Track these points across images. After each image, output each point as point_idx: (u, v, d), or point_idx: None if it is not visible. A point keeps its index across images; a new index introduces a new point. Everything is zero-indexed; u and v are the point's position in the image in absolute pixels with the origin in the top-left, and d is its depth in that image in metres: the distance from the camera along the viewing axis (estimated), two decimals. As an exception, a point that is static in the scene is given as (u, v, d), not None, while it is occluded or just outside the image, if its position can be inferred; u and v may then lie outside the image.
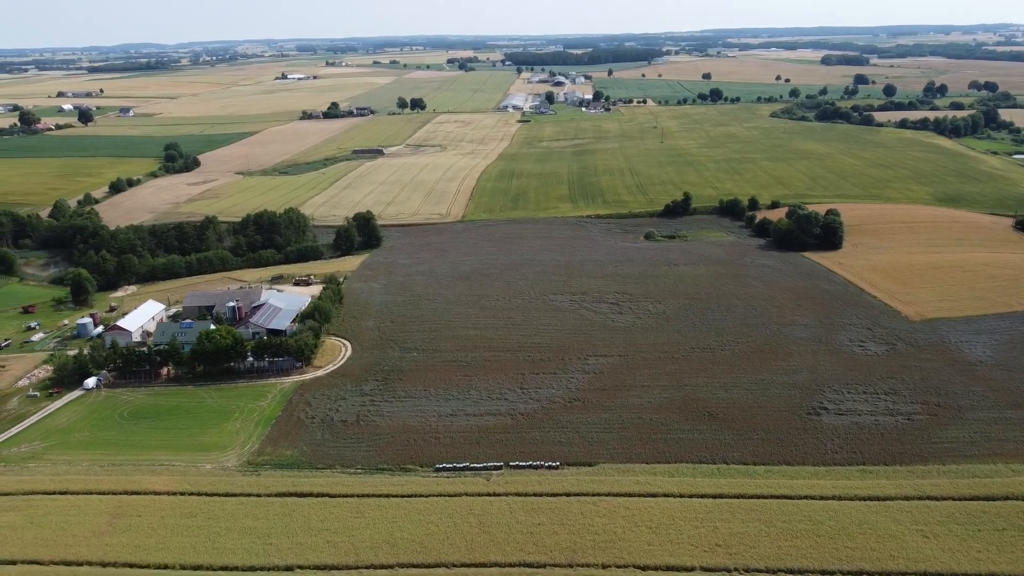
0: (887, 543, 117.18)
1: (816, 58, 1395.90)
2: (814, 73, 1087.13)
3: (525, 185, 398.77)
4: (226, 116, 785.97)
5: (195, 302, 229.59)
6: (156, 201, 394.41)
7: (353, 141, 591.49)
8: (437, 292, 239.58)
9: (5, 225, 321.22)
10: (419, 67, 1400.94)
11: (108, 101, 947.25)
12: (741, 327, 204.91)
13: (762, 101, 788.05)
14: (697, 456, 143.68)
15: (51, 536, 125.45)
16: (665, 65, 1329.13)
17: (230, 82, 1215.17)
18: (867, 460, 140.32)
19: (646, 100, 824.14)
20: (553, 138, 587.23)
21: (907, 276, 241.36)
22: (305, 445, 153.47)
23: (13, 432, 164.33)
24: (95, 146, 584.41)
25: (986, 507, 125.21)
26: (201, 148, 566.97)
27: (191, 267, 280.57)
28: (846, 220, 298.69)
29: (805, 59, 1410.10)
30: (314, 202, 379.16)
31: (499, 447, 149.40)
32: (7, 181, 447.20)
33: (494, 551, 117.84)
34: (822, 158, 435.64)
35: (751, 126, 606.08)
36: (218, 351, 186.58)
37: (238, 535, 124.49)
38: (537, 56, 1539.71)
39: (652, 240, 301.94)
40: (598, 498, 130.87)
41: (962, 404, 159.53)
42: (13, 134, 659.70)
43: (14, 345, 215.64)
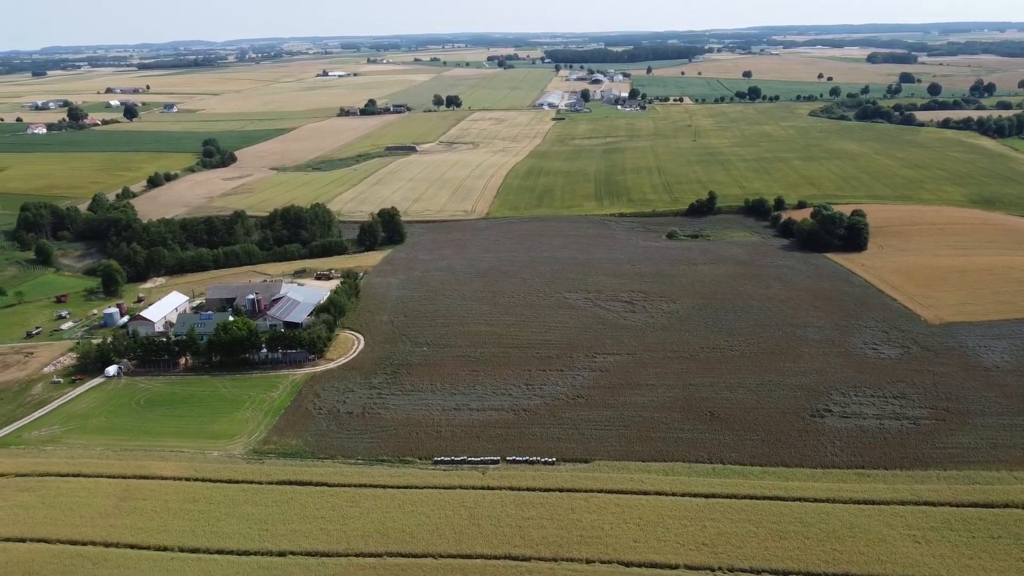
0: (877, 547, 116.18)
1: (862, 56, 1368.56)
2: (859, 71, 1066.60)
3: (551, 183, 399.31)
4: (266, 112, 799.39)
5: (217, 294, 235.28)
6: (191, 195, 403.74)
7: (387, 138, 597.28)
8: (453, 288, 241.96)
9: (45, 217, 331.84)
10: (458, 64, 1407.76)
11: (154, 97, 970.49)
12: (754, 328, 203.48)
13: (801, 100, 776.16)
14: (694, 455, 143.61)
15: (60, 516, 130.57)
16: (706, 63, 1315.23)
17: (272, 79, 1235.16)
18: (866, 464, 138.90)
19: (682, 98, 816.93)
20: (585, 136, 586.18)
21: (931, 279, 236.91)
22: (310, 435, 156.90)
23: (35, 416, 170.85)
24: (137, 141, 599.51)
25: (984, 514, 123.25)
26: (239, 144, 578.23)
27: (218, 260, 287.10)
28: (873, 221, 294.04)
29: (851, 57, 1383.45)
30: (343, 198, 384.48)
31: (498, 442, 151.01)
32: (52, 174, 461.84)
33: (481, 543, 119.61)
34: (855, 158, 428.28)
35: (787, 125, 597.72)
36: (234, 342, 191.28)
37: (236, 520, 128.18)
38: (577, 54, 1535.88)
39: (674, 239, 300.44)
40: (590, 494, 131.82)
41: (972, 410, 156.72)
42: (61, 129, 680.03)
43: (44, 333, 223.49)
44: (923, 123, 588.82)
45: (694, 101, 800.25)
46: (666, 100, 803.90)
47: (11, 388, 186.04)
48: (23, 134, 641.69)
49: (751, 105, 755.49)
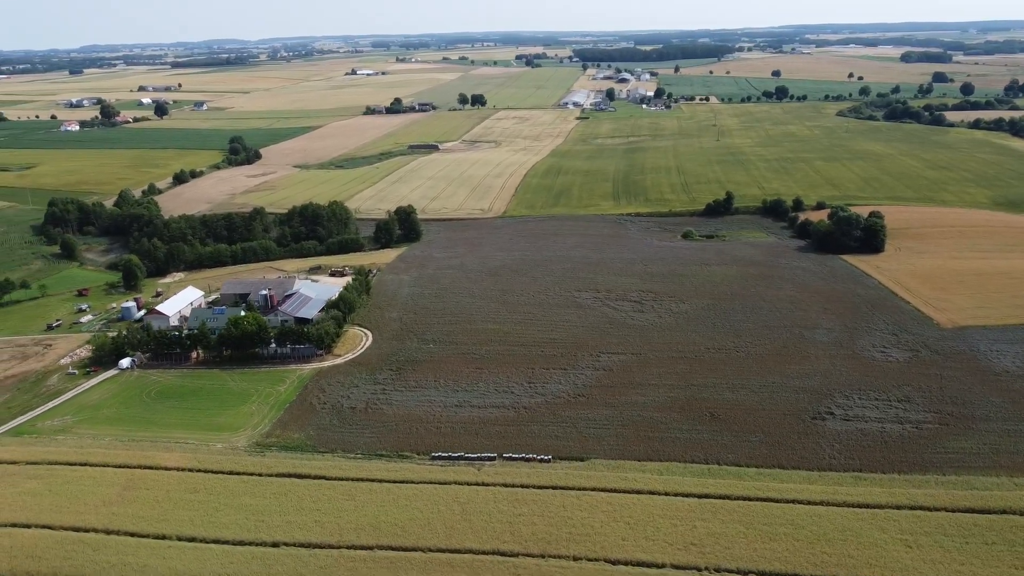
0: (867, 551, 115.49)
1: (896, 55, 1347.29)
2: (891, 71, 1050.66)
3: (570, 182, 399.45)
4: (293, 111, 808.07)
5: (231, 290, 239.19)
6: (215, 192, 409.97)
7: (410, 136, 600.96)
8: (464, 286, 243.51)
9: (71, 212, 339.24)
10: (486, 63, 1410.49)
11: (185, 95, 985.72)
12: (761, 329, 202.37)
13: (830, 99, 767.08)
14: (690, 456, 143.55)
15: (65, 503, 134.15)
16: (735, 62, 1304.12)
17: (301, 77, 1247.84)
18: (864, 467, 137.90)
19: (708, 97, 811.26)
20: (608, 135, 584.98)
21: (947, 282, 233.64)
22: (312, 429, 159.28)
23: (49, 406, 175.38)
24: (166, 138, 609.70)
25: (979, 520, 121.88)
26: (265, 141, 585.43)
27: (236, 256, 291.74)
28: (892, 223, 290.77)
29: (884, 56, 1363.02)
30: (363, 195, 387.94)
31: (497, 439, 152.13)
32: (82, 170, 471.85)
33: (471, 538, 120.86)
34: (880, 159, 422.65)
35: (813, 125, 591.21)
36: (243, 337, 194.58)
37: (234, 511, 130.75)
38: (605, 52, 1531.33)
39: (689, 239, 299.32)
40: (582, 492, 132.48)
41: (977, 415, 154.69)
42: (94, 126, 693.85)
43: (64, 326, 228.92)
44: (953, 123, 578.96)
45: (720, 100, 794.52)
46: (692, 99, 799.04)
47: (28, 379, 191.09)
48: (56, 131, 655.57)
49: (778, 105, 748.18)
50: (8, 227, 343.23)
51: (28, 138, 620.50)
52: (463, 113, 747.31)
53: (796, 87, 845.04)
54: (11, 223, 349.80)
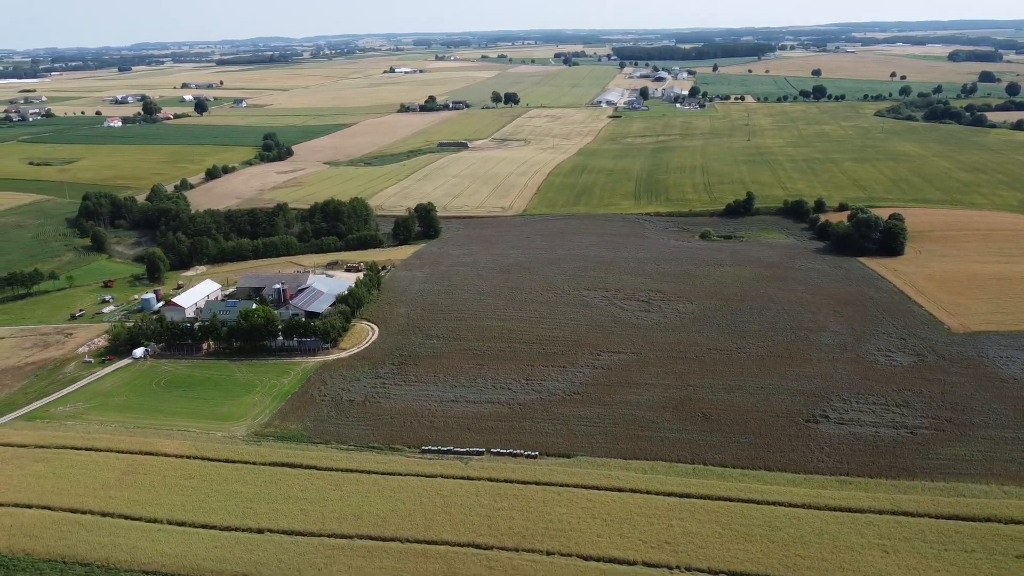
0: (842, 555, 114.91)
1: (943, 54, 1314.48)
2: (936, 70, 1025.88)
3: (593, 181, 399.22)
4: (329, 108, 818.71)
5: (248, 283, 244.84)
6: (244, 188, 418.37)
7: (441, 134, 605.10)
8: (474, 283, 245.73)
9: (104, 206, 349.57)
10: (524, 61, 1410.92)
11: (226, 92, 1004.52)
12: (767, 331, 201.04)
13: (869, 99, 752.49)
14: (677, 455, 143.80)
15: (67, 486, 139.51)
16: (775, 61, 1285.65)
17: (340, 75, 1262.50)
18: (851, 471, 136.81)
19: (744, 97, 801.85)
20: (639, 134, 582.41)
21: (964, 286, 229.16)
22: (310, 421, 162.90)
23: (64, 393, 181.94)
24: (203, 135, 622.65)
25: (962, 527, 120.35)
26: (299, 138, 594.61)
27: (258, 251, 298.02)
28: (916, 225, 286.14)
29: (931, 55, 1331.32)
30: (387, 192, 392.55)
31: (488, 434, 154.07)
32: (120, 165, 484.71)
33: (449, 530, 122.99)
34: (912, 160, 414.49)
35: (848, 125, 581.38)
36: (252, 329, 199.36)
37: (225, 498, 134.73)
38: (644, 51, 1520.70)
39: (707, 240, 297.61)
40: (564, 488, 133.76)
41: (975, 421, 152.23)
42: (136, 122, 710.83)
43: (87, 316, 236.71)
44: (995, 124, 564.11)
45: (756, 100, 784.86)
46: (727, 99, 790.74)
47: (47, 366, 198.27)
48: (100, 127, 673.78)
49: (815, 104, 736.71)
50: (45, 220, 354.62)
51: (72, 133, 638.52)
52: (495, 111, 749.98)
53: (835, 86, 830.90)
54: (48, 216, 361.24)
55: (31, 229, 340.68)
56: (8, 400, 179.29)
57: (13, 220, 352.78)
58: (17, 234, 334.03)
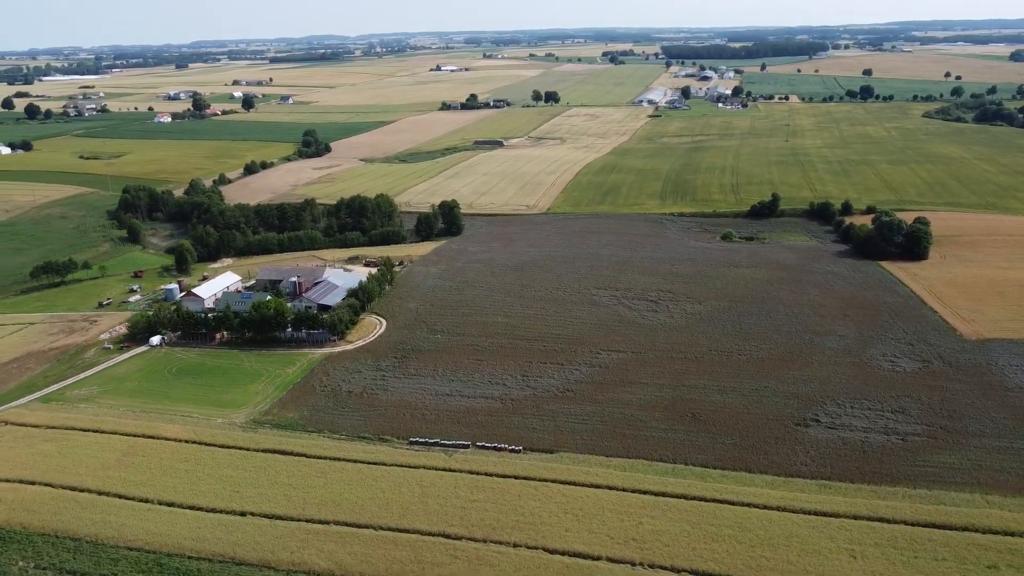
0: (808, 558, 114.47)
1: (1005, 54, 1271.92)
2: (995, 70, 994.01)
3: (621, 180, 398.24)
4: (372, 105, 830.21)
5: (266, 276, 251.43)
6: (279, 183, 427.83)
7: (479, 132, 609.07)
8: (486, 280, 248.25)
9: (142, 199, 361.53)
10: (570, 60, 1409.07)
11: (275, 89, 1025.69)
12: (772, 333, 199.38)
13: (919, 100, 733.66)
14: (658, 454, 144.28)
15: (70, 465, 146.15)
16: (826, 60, 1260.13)
17: (387, 73, 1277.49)
18: (833, 476, 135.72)
19: (788, 96, 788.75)
20: (676, 134, 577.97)
21: (984, 292, 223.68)
22: (307, 410, 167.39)
23: (81, 377, 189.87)
24: (248, 130, 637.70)
25: (936, 535, 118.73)
26: (340, 135, 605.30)
27: (283, 244, 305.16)
28: (944, 229, 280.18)
29: (992, 55, 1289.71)
30: (416, 189, 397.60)
31: (477, 428, 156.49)
32: (164, 160, 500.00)
33: (422, 520, 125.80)
34: (951, 162, 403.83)
35: (892, 126, 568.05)
36: (263, 320, 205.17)
37: (214, 481, 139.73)
38: (692, 50, 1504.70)
39: (728, 241, 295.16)
40: (541, 483, 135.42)
41: (971, 429, 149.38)
42: (185, 118, 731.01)
43: (114, 304, 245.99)
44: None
45: (801, 100, 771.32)
46: (771, 98, 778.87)
47: (69, 351, 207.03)
48: (150, 122, 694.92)
49: (861, 105, 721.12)
50: (87, 211, 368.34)
51: (123, 128, 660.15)
52: (535, 110, 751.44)
53: (885, 87, 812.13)
54: (90, 208, 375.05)
55: (73, 220, 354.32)
56: (29, 382, 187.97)
57: (58, 211, 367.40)
58: (60, 225, 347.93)
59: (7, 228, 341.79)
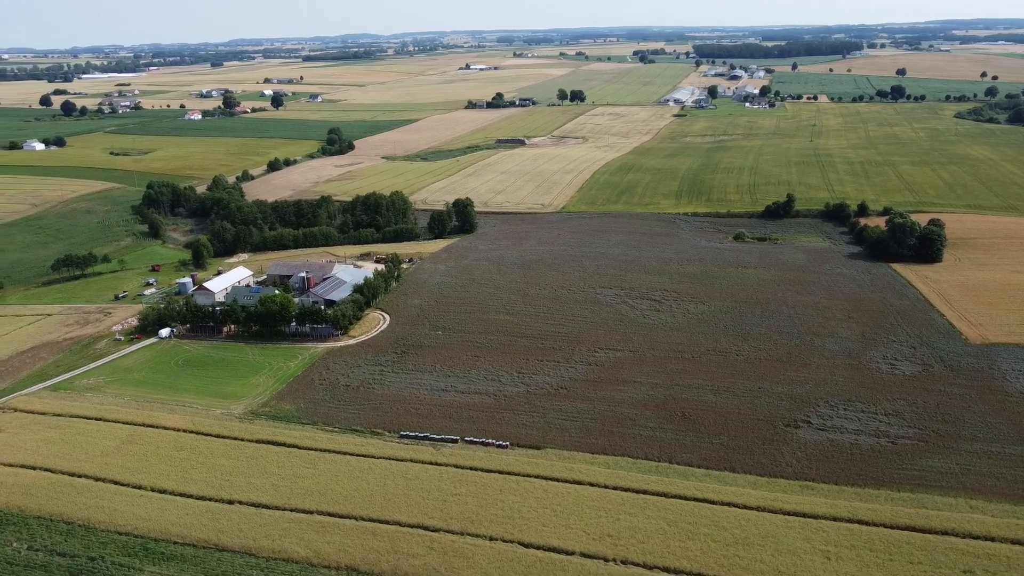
0: (782, 558, 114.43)
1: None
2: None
3: (637, 180, 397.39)
4: (400, 104, 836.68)
5: (277, 271, 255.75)
6: (301, 180, 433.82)
7: (502, 131, 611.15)
8: (492, 278, 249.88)
9: (164, 195, 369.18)
10: (600, 59, 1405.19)
11: (305, 87, 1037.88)
12: (772, 334, 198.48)
13: (951, 100, 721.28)
14: (644, 452, 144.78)
15: (70, 451, 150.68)
16: (860, 59, 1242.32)
17: (417, 71, 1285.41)
18: (817, 477, 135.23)
19: (817, 96, 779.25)
20: (700, 133, 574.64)
21: (996, 296, 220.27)
22: (304, 403, 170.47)
23: (90, 367, 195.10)
24: (274, 128, 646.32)
25: (915, 538, 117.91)
26: (365, 133, 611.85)
27: (298, 240, 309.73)
28: (960, 232, 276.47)
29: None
30: (434, 187, 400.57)
31: (467, 423, 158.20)
32: (190, 156, 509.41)
33: (402, 511, 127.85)
34: (977, 164, 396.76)
35: (921, 127, 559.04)
36: (268, 314, 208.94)
37: (206, 470, 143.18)
38: (724, 48, 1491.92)
39: (740, 241, 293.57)
40: (523, 478, 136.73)
41: (964, 434, 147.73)
42: (215, 116, 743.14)
43: (130, 297, 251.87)
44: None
45: (830, 99, 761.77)
46: (799, 98, 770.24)
47: (82, 341, 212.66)
48: (180, 120, 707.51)
49: (891, 105, 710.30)
50: (112, 207, 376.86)
51: (154, 125, 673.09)
52: (560, 109, 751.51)
53: (918, 87, 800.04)
54: (115, 203, 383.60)
55: (98, 215, 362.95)
56: (40, 372, 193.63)
57: (84, 206, 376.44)
58: (85, 219, 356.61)
59: (34, 222, 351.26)
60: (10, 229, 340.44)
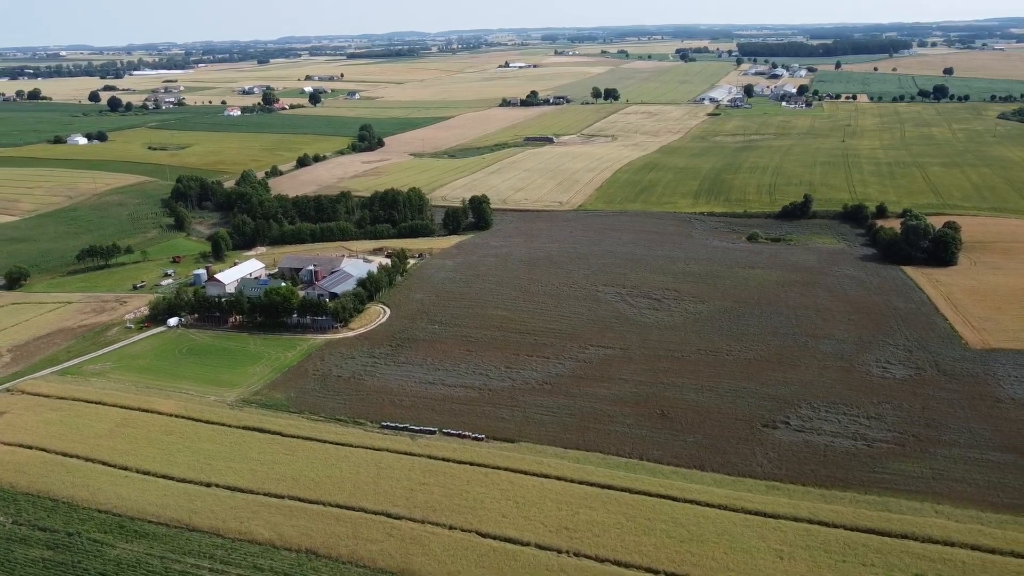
0: (734, 556, 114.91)
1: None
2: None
3: (658, 179, 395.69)
4: (436, 101, 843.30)
5: (288, 264, 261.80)
6: (327, 176, 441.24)
7: (532, 128, 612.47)
8: (496, 274, 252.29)
9: (192, 189, 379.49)
10: (640, 57, 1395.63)
11: (344, 85, 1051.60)
12: (767, 335, 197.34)
13: (997, 100, 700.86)
14: (616, 449, 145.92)
15: (67, 432, 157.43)
16: (908, 58, 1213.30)
17: (457, 69, 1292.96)
18: (784, 478, 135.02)
19: (856, 96, 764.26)
20: (731, 132, 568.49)
21: (1005, 301, 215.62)
22: (294, 392, 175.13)
23: (99, 353, 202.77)
24: (309, 124, 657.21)
25: (872, 540, 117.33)
26: (397, 130, 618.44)
27: (315, 235, 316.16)
28: (979, 235, 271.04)
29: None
30: (456, 184, 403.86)
31: (448, 416, 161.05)
32: (224, 151, 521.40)
33: (369, 498, 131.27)
34: (1010, 166, 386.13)
35: (960, 127, 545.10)
36: (271, 305, 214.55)
37: (191, 454, 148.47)
38: (769, 47, 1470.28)
39: (753, 241, 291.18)
40: (492, 470, 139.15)
41: (943, 439, 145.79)
42: (254, 112, 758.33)
43: (147, 287, 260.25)
44: None
45: (870, 99, 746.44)
46: (837, 98, 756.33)
47: (95, 328, 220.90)
48: (220, 116, 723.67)
49: (933, 105, 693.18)
50: (143, 199, 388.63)
51: (194, 121, 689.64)
52: (593, 107, 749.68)
53: (964, 86, 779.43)
54: (147, 196, 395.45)
55: (129, 207, 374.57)
56: (52, 357, 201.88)
57: (116, 199, 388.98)
58: (116, 211, 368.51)
59: (68, 213, 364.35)
60: (44, 220, 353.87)
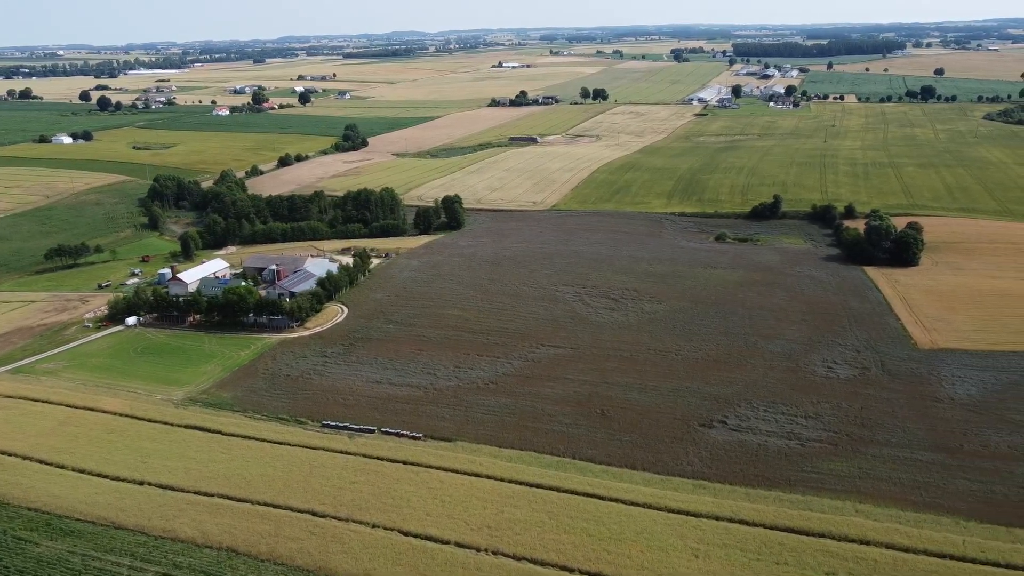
0: (649, 554, 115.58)
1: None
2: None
3: (634, 179, 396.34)
4: (426, 101, 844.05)
5: (253, 264, 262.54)
6: (307, 176, 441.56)
7: (518, 129, 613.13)
8: (458, 274, 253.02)
9: (169, 188, 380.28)
10: (635, 57, 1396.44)
11: (336, 84, 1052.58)
12: (718, 335, 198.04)
13: (984, 100, 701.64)
14: (550, 448, 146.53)
15: (9, 431, 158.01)
16: (900, 59, 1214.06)
17: (450, 69, 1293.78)
18: (713, 477, 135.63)
19: (844, 96, 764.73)
20: (715, 133, 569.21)
21: (962, 301, 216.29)
22: (240, 391, 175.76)
23: (53, 352, 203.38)
24: (296, 124, 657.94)
25: (790, 539, 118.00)
26: (383, 130, 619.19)
27: (286, 234, 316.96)
28: (944, 235, 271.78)
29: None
30: (434, 183, 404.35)
31: (390, 414, 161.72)
32: (206, 151, 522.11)
33: (296, 497, 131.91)
34: (986, 167, 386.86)
35: (944, 128, 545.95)
36: (228, 305, 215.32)
37: (129, 452, 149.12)
38: (763, 47, 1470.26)
39: (721, 242, 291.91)
40: (423, 469, 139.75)
41: (877, 438, 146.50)
42: (242, 111, 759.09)
43: (112, 286, 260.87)
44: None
45: (858, 99, 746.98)
46: (825, 98, 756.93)
47: (53, 328, 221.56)
48: (208, 115, 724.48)
49: (919, 105, 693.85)
50: (120, 199, 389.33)
51: (183, 121, 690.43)
52: (581, 107, 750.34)
53: (953, 87, 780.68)
54: (125, 195, 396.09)
55: (105, 207, 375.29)
56: (7, 355, 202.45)
57: (93, 198, 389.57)
58: (92, 211, 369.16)
59: (44, 212, 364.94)
60: (19, 219, 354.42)
